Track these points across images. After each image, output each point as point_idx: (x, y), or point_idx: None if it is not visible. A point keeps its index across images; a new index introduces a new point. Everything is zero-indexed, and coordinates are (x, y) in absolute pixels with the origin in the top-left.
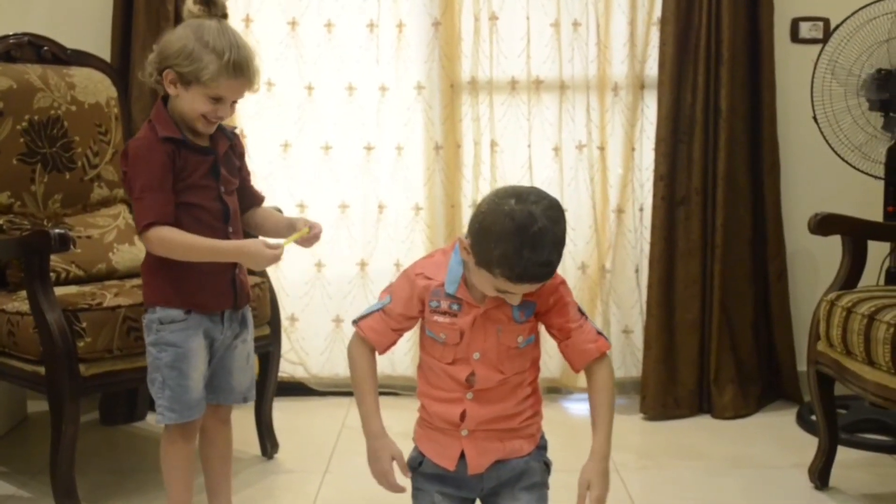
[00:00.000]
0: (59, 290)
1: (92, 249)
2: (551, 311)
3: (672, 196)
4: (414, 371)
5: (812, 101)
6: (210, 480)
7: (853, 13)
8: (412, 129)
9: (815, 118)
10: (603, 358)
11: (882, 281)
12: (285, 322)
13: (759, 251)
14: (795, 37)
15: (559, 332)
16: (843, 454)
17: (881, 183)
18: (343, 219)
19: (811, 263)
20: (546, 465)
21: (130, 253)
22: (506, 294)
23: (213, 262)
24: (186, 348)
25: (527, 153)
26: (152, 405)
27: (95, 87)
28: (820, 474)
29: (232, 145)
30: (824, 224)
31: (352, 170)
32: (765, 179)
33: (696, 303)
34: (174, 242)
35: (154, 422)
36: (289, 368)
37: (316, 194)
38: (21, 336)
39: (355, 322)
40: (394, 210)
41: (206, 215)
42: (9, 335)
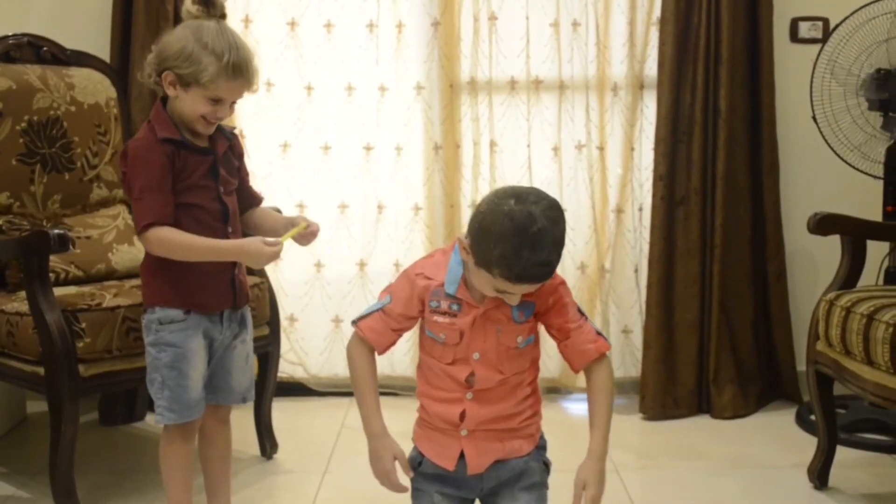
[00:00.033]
0: (59, 291)
1: (91, 250)
2: (551, 312)
3: (671, 196)
4: (413, 371)
5: (811, 101)
6: (209, 481)
7: (852, 13)
8: (411, 130)
9: (815, 118)
10: (602, 358)
11: (881, 281)
12: (284, 322)
13: (759, 251)
14: (795, 37)
15: (558, 333)
16: (843, 454)
17: (880, 183)
18: (342, 219)
19: (810, 263)
20: (545, 465)
21: (130, 253)
22: (505, 294)
23: (213, 263)
24: (186, 348)
25: (526, 153)
26: (151, 405)
27: (95, 88)
28: (819, 474)
29: (231, 146)
30: (823, 224)
31: (351, 170)
32: (764, 179)
33: (696, 303)
34: (173, 243)
35: (153, 422)
36: (288, 369)
37: (315, 194)
38: (20, 336)
39: (354, 322)
40: (393, 210)
41: (206, 216)
42: (8, 336)
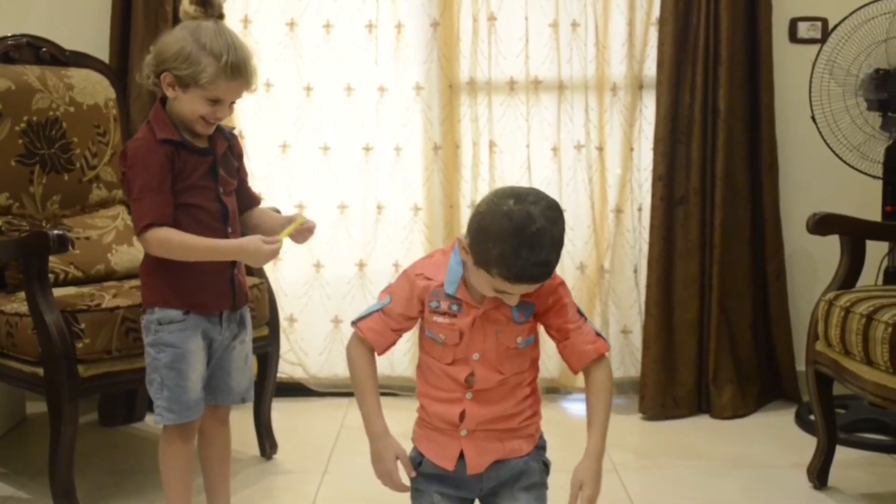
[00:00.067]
0: (58, 292)
1: (90, 250)
2: (550, 312)
3: (671, 196)
4: (413, 371)
5: (810, 101)
6: (209, 481)
7: (851, 13)
8: (411, 130)
9: (814, 118)
10: (601, 359)
11: (880, 280)
12: (284, 322)
13: (758, 251)
14: (794, 37)
15: (558, 333)
16: (842, 454)
17: (879, 183)
18: (342, 219)
19: (810, 263)
20: (545, 465)
21: (129, 254)
22: (503, 294)
23: (212, 263)
24: (185, 349)
25: (525, 153)
26: (151, 406)
27: (94, 89)
28: (819, 474)
29: (230, 146)
30: (823, 224)
31: (350, 170)
32: (763, 179)
33: (695, 303)
34: (173, 243)
35: (153, 422)
36: (287, 369)
37: (315, 195)
38: (20, 337)
39: (354, 323)
40: (392, 210)
41: (205, 216)
42: (7, 336)
